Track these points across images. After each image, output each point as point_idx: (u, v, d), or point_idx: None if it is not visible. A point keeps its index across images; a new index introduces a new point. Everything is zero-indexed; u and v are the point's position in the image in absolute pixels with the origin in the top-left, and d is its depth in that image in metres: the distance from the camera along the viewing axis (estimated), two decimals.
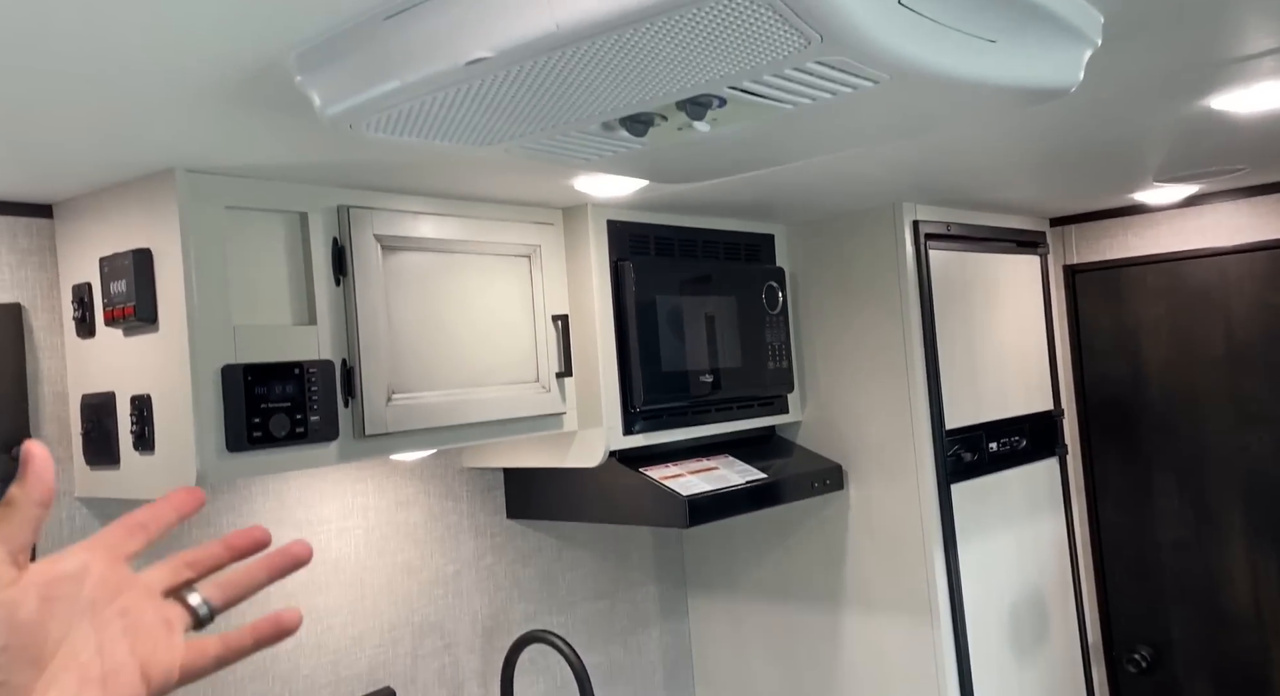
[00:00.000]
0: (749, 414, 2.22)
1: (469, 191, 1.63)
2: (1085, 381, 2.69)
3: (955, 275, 2.34)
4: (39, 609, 0.48)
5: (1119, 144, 1.72)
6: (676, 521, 1.90)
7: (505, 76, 0.78)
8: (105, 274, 1.31)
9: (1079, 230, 2.68)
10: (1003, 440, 2.42)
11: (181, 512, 0.57)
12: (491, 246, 1.72)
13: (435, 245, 1.63)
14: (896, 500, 2.21)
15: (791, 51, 0.76)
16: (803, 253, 2.35)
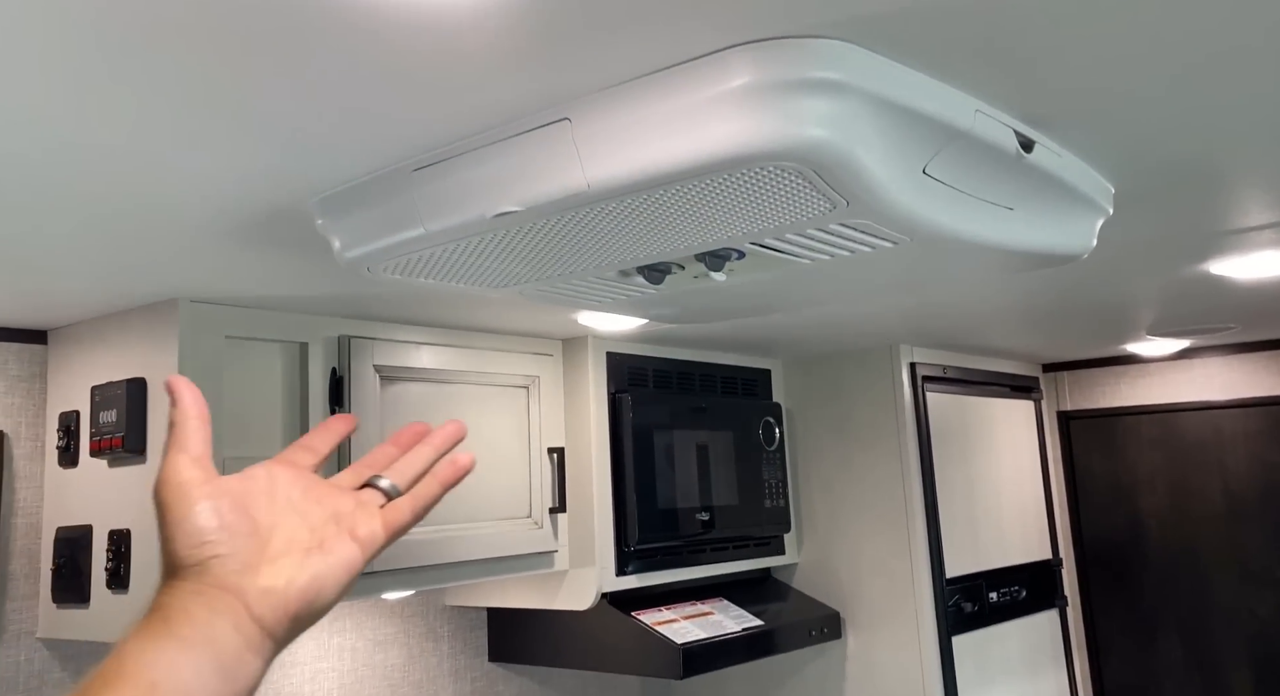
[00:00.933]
0: (745, 554, 2.15)
1: (470, 322, 1.63)
2: (1083, 530, 2.65)
3: (953, 418, 2.33)
4: (240, 501, 0.55)
5: (1114, 301, 1.75)
6: (670, 671, 1.80)
7: (531, 228, 0.78)
8: (96, 402, 1.27)
9: (1072, 377, 2.69)
10: (1003, 590, 2.34)
11: (340, 435, 0.65)
12: (490, 377, 1.71)
13: (434, 375, 1.61)
14: (897, 652, 2.12)
15: (817, 214, 0.77)
16: (800, 388, 2.34)
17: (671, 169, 0.67)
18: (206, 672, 0.49)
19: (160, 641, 0.49)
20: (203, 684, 0.49)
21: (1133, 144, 0.87)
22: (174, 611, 0.51)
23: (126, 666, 0.48)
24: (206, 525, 0.53)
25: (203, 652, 0.50)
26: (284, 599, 0.53)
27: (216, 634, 0.51)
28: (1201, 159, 0.93)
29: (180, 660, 0.49)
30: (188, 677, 0.48)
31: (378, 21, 0.58)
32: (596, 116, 0.69)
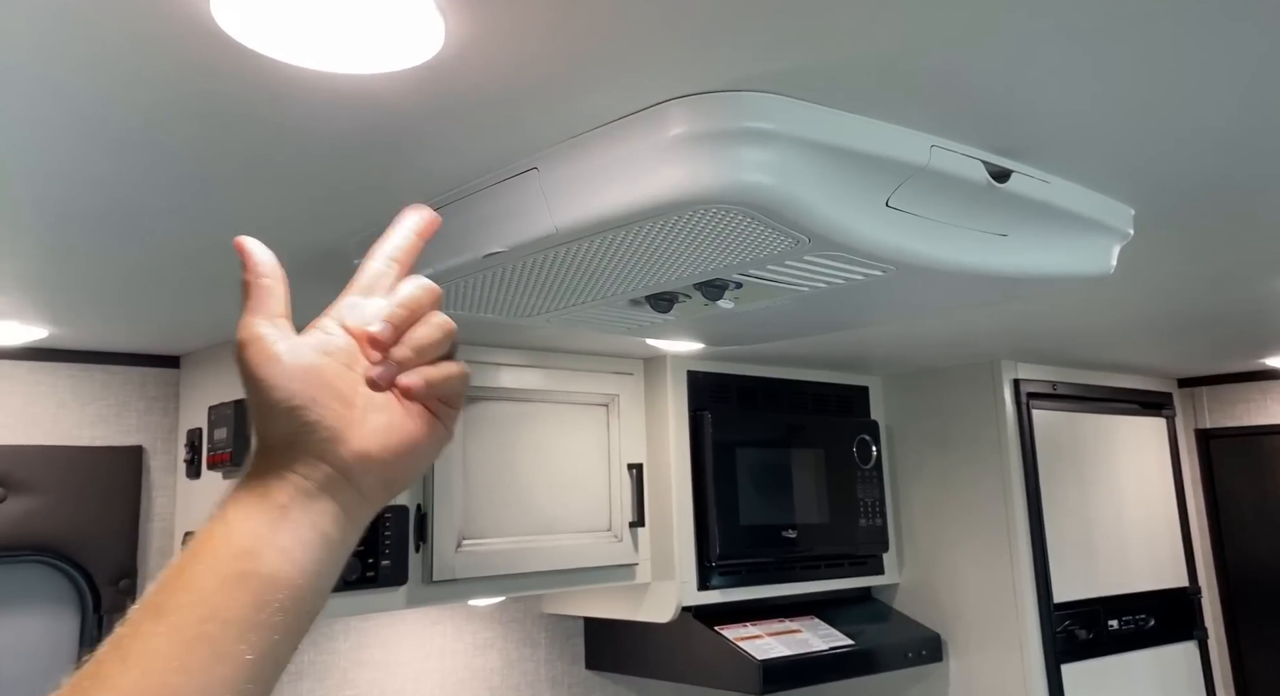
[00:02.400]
0: (838, 573, 2.13)
1: (550, 344, 1.72)
2: (1226, 558, 2.44)
3: (1064, 436, 2.22)
4: (320, 358, 0.50)
5: (1231, 313, 1.64)
6: (749, 687, 1.82)
7: (523, 266, 0.85)
8: (211, 421, 1.46)
9: (1211, 392, 2.50)
10: (1125, 618, 2.21)
11: (423, 236, 0.58)
12: (570, 396, 1.80)
13: (514, 395, 1.71)
14: (1000, 677, 2.04)
15: (785, 249, 0.80)
16: (900, 406, 2.30)
17: (625, 212, 0.73)
18: (307, 540, 0.48)
19: (255, 511, 0.47)
20: (305, 551, 0.47)
21: (1137, 168, 0.85)
22: (269, 481, 0.48)
23: (215, 537, 0.47)
24: (291, 390, 0.49)
25: (301, 520, 0.48)
26: (379, 463, 0.51)
27: (314, 502, 0.49)
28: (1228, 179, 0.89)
29: (281, 528, 0.47)
30: (289, 545, 0.47)
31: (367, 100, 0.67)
32: (559, 165, 0.76)
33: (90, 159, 0.77)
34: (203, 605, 0.44)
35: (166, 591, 0.45)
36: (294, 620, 0.47)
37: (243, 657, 0.44)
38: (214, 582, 0.45)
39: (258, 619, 0.45)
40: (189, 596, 0.45)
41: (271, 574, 0.46)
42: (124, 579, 1.47)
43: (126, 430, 1.56)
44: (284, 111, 0.69)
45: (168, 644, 0.43)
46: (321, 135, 0.74)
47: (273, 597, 0.46)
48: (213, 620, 0.44)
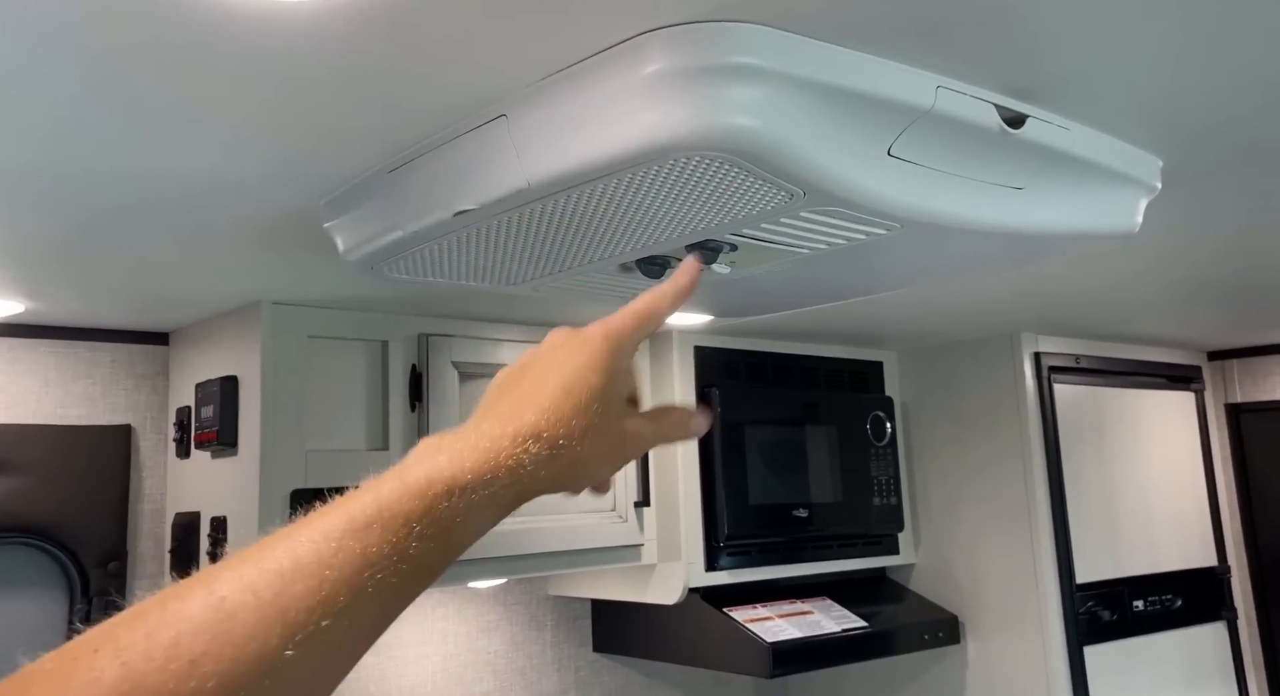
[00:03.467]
0: (852, 553, 2.08)
1: (549, 318, 1.67)
2: (1257, 536, 2.36)
3: (1087, 411, 2.14)
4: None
5: (1262, 280, 1.55)
6: (759, 670, 1.77)
7: (499, 226, 0.79)
8: (199, 399, 1.42)
9: (1241, 365, 2.41)
10: (1151, 598, 2.13)
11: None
12: None
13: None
14: (1020, 660, 1.98)
15: (779, 203, 0.73)
16: (915, 381, 2.23)
17: (601, 162, 0.66)
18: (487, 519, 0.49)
19: (496, 508, 0.49)
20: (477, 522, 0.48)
21: (1166, 113, 0.78)
22: (528, 488, 0.50)
23: (454, 533, 0.47)
24: (616, 408, 0.53)
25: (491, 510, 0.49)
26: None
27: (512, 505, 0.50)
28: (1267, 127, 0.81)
29: (495, 522, 0.49)
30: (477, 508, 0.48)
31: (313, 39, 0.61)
32: (530, 111, 0.69)
33: (40, 108, 0.72)
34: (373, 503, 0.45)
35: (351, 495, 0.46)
36: (413, 573, 0.45)
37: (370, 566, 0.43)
38: (392, 490, 0.46)
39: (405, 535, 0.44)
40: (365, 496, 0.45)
41: (440, 515, 0.45)
42: (113, 561, 1.44)
43: (114, 409, 1.52)
44: (227, 51, 0.63)
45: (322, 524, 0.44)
46: (272, 80, 0.68)
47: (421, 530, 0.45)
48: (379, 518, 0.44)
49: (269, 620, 0.41)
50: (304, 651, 0.41)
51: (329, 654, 0.43)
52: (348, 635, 0.43)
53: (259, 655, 0.40)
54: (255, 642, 0.40)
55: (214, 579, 0.42)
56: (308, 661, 0.41)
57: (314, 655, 0.42)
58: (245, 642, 0.40)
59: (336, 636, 0.42)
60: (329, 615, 0.42)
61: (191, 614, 0.40)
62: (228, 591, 0.41)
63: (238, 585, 0.41)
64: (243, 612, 0.41)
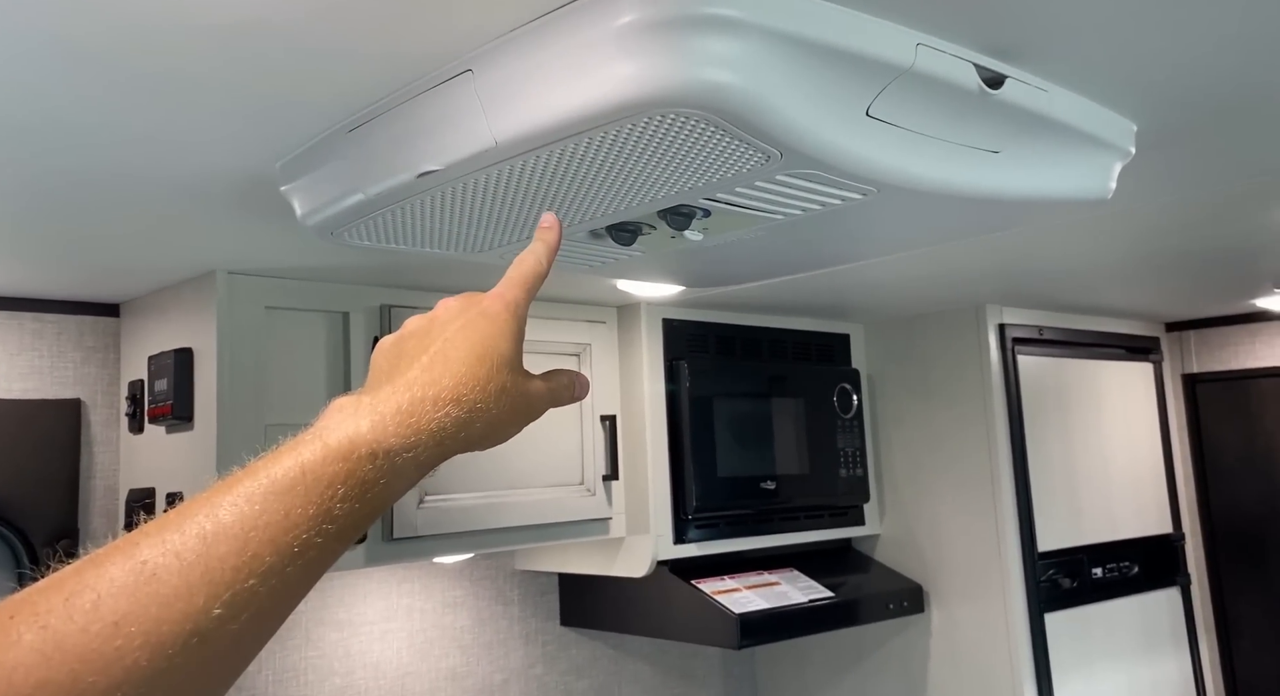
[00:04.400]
0: (818, 525, 2.09)
1: None
2: (1211, 503, 2.41)
3: (1050, 382, 2.16)
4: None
5: (1221, 250, 1.57)
6: (727, 641, 1.78)
7: (465, 188, 0.76)
8: (152, 372, 1.37)
9: (1198, 336, 2.45)
10: (1110, 566, 2.18)
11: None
12: (540, 345, 1.71)
13: None
14: (983, 627, 2.01)
15: (755, 166, 0.71)
16: (881, 353, 2.24)
17: (571, 119, 0.64)
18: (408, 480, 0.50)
19: (414, 468, 0.50)
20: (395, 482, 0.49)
21: (1144, 76, 0.77)
22: (447, 446, 0.52)
23: (375, 492, 0.48)
24: (519, 368, 0.57)
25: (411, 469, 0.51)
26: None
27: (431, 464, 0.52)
28: (1244, 88, 0.80)
29: (416, 482, 0.51)
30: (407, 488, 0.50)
31: None
32: (497, 65, 0.66)
33: None
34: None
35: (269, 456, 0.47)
36: (337, 533, 0.46)
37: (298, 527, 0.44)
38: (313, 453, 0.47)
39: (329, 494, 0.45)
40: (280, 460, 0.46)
41: (363, 475, 0.46)
42: (64, 538, 1.40)
43: (62, 382, 1.47)
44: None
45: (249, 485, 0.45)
46: (222, 29, 0.64)
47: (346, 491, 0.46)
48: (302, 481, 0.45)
49: (194, 580, 0.41)
50: (231, 610, 0.42)
51: (257, 613, 0.43)
52: (274, 594, 0.43)
53: (185, 614, 0.40)
54: (181, 602, 0.40)
55: (133, 545, 0.42)
56: (235, 621, 0.42)
57: (242, 614, 0.42)
58: (170, 602, 0.40)
59: (263, 596, 0.43)
60: (254, 575, 0.42)
61: (113, 577, 0.40)
62: (149, 555, 0.41)
63: (160, 549, 0.42)
64: (166, 574, 0.41)
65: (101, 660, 0.38)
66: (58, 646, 0.38)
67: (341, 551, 0.47)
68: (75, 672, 0.38)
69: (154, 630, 0.39)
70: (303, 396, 1.41)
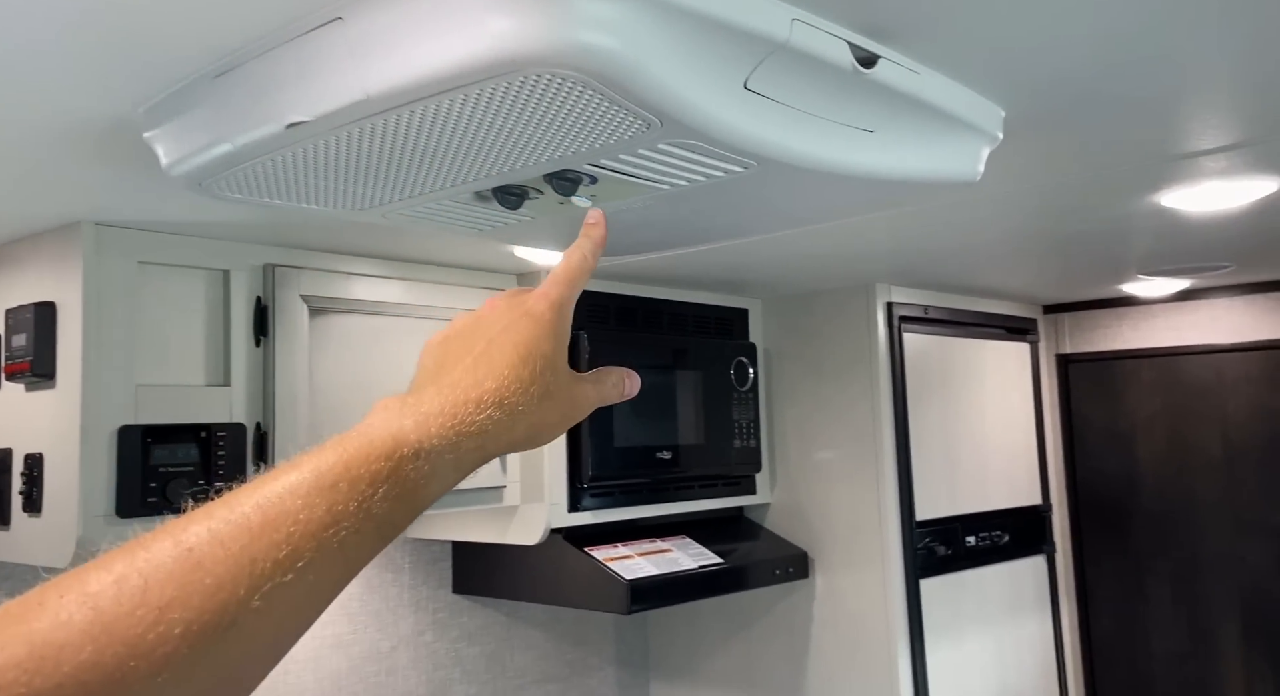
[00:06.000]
0: (712, 494, 2.13)
1: (405, 252, 1.60)
2: (1077, 477, 2.57)
3: (934, 360, 2.26)
4: None
5: (1089, 235, 1.66)
6: (617, 606, 1.81)
7: (338, 142, 0.74)
8: (9, 326, 1.29)
9: (1072, 319, 2.59)
10: (982, 534, 2.30)
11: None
12: (435, 311, 1.69)
13: (371, 308, 1.59)
14: (862, 592, 2.10)
15: (635, 133, 0.72)
16: (778, 329, 2.29)
17: (445, 73, 0.63)
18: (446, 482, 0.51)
19: (453, 469, 0.51)
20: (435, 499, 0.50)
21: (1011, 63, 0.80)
22: (488, 447, 0.52)
23: (412, 489, 0.49)
24: (560, 368, 0.57)
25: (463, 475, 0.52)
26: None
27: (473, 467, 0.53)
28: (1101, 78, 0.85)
29: (454, 483, 0.51)
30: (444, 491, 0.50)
31: None
32: (369, 14, 0.65)
33: None
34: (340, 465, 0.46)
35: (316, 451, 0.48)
36: (377, 531, 0.47)
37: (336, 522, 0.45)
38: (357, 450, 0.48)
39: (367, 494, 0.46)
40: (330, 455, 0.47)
41: (406, 475, 0.47)
42: None
43: None
44: None
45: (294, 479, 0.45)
46: None
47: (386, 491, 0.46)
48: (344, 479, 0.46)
49: (237, 571, 0.42)
50: (270, 603, 0.42)
51: (294, 606, 0.44)
52: (312, 588, 0.44)
53: (225, 604, 0.41)
54: (223, 592, 0.41)
55: (182, 530, 0.43)
56: (273, 613, 0.43)
57: (279, 607, 0.43)
58: (213, 592, 0.41)
59: (301, 590, 0.44)
60: (294, 569, 0.43)
61: (160, 562, 0.41)
62: (195, 542, 0.42)
63: (206, 537, 0.42)
64: (211, 563, 0.41)
65: (145, 645, 0.39)
66: (105, 629, 0.38)
67: (379, 549, 0.48)
68: (120, 657, 0.38)
69: (196, 619, 0.40)
70: (178, 357, 1.35)
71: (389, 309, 1.62)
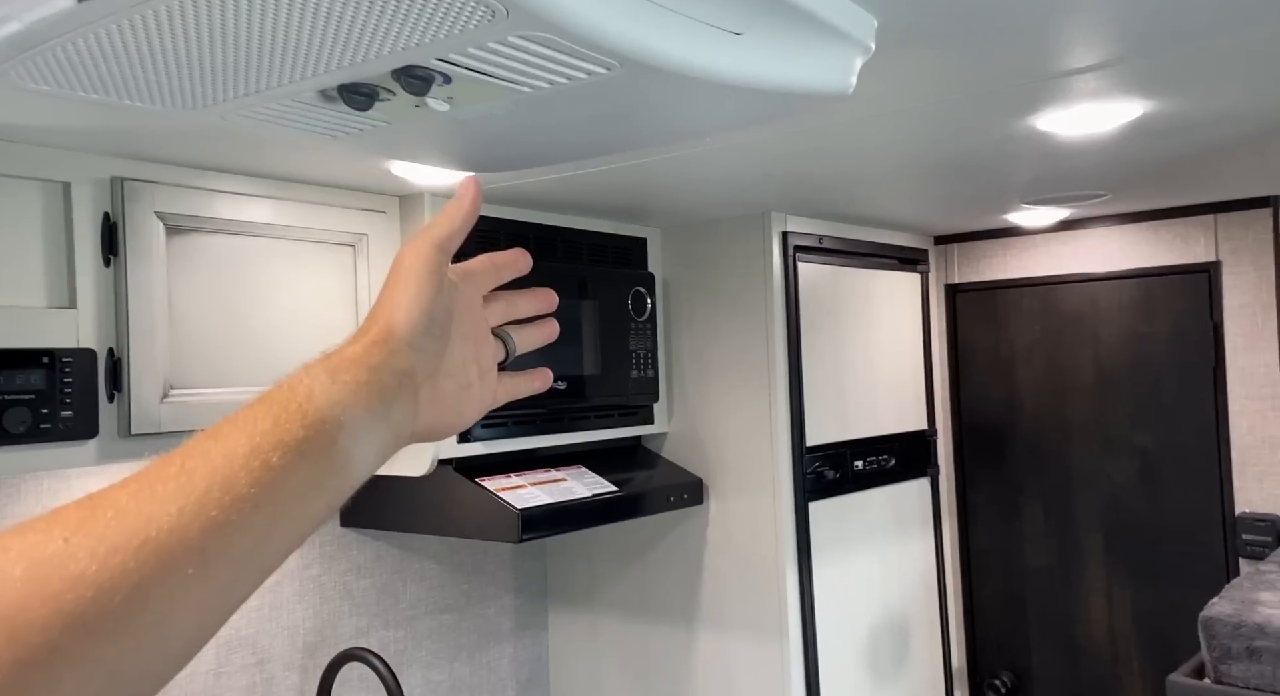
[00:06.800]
0: (608, 424, 2.13)
1: (269, 168, 1.51)
2: (961, 403, 2.67)
3: (827, 290, 2.28)
4: (450, 308, 0.58)
5: (972, 161, 1.68)
6: (508, 535, 1.79)
7: (143, 23, 0.67)
8: None
9: (961, 249, 2.65)
10: (870, 459, 2.37)
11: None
12: (308, 233, 1.60)
13: (237, 227, 1.50)
14: (754, 516, 2.14)
15: (481, 22, 0.66)
16: (675, 259, 2.27)
17: None
18: (374, 445, 0.50)
19: (353, 393, 0.50)
20: (365, 455, 0.49)
21: None
22: (379, 377, 0.51)
23: (313, 405, 0.48)
24: (436, 313, 0.55)
25: (382, 428, 0.51)
26: (420, 431, 0.55)
27: (393, 421, 0.52)
28: None
29: (364, 419, 0.49)
30: (365, 438, 0.49)
31: None
32: None
33: None
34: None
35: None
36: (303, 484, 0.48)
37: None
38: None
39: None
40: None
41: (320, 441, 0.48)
42: None
43: None
44: None
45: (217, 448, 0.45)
46: None
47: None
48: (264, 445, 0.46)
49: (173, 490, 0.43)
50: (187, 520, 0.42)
51: (247, 547, 0.44)
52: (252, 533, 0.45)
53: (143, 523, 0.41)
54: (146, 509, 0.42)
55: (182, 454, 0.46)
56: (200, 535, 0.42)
57: (195, 524, 0.42)
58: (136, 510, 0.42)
59: (251, 534, 0.44)
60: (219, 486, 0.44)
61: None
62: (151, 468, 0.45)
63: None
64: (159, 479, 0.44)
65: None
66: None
67: (311, 512, 0.49)
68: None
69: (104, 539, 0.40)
70: (16, 277, 1.24)
71: (258, 230, 1.53)
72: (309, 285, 1.60)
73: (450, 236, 0.59)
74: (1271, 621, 1.19)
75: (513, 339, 0.66)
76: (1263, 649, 1.17)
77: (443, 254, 0.58)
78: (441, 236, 0.58)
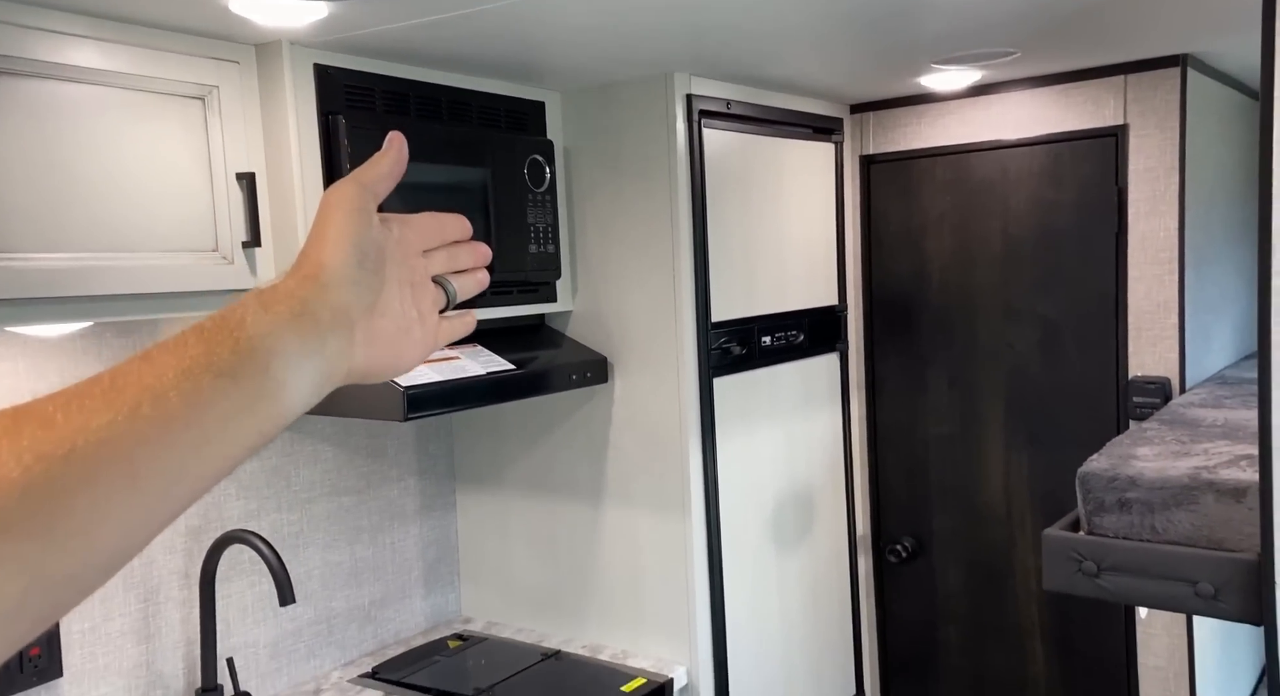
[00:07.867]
0: (508, 301, 2.04)
1: (103, 7, 1.33)
2: (872, 277, 2.64)
3: (735, 159, 2.18)
4: (383, 249, 0.59)
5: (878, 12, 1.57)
6: (393, 414, 1.72)
7: None
8: None
9: (876, 118, 2.56)
10: (778, 334, 2.34)
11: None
12: (149, 82, 1.43)
13: (65, 72, 1.33)
14: (658, 393, 2.11)
15: None
16: (577, 126, 2.14)
17: None
18: (309, 376, 0.51)
19: (286, 323, 0.51)
20: (299, 385, 0.50)
21: None
22: (312, 309, 0.52)
23: (245, 333, 0.48)
24: (367, 249, 0.57)
25: (317, 359, 0.52)
26: (358, 368, 0.57)
27: (328, 353, 0.53)
28: None
29: (298, 348, 0.51)
30: (299, 368, 0.50)
31: None
32: None
33: None
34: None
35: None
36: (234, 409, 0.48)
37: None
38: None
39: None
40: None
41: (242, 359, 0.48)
42: None
43: None
44: None
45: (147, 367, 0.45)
46: None
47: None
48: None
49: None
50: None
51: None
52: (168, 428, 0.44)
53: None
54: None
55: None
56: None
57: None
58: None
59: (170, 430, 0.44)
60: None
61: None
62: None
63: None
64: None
65: None
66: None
67: (242, 439, 0.48)
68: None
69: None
70: None
71: (88, 76, 1.36)
72: (153, 140, 1.44)
73: (376, 180, 0.60)
74: (1144, 474, 1.19)
75: (453, 285, 0.68)
76: (1133, 500, 1.18)
77: (366, 192, 0.59)
78: (367, 178, 0.60)
